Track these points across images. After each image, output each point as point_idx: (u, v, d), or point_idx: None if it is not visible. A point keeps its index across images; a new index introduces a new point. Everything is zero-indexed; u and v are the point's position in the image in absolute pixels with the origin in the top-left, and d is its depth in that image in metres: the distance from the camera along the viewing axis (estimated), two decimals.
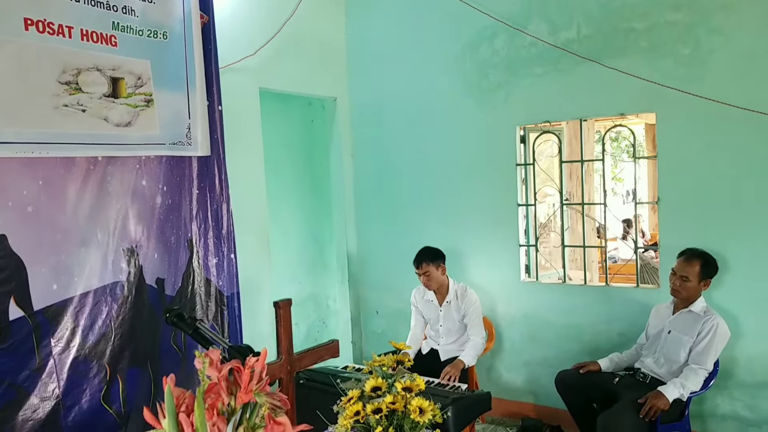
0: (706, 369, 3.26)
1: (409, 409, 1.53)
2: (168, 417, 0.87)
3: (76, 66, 2.64)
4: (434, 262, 3.96)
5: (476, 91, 4.42)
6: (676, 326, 3.41)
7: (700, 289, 3.37)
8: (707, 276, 3.35)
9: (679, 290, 3.38)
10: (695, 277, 3.33)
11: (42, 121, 2.54)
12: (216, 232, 3.20)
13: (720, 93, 3.47)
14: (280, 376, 1.85)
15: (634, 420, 3.15)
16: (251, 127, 4.08)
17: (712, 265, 3.37)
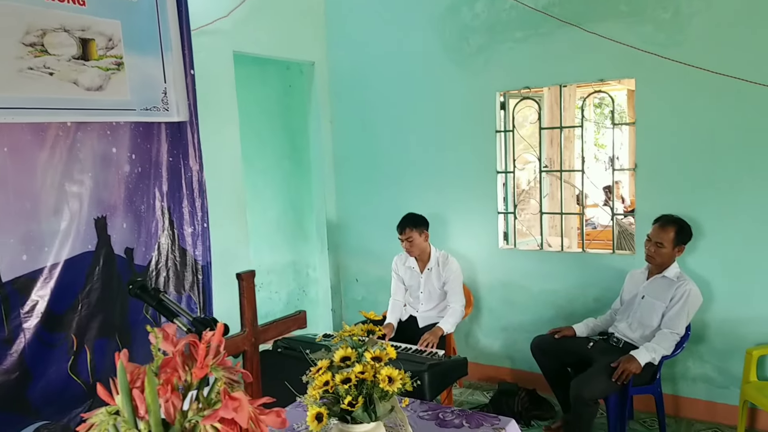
0: (678, 333, 3.31)
1: (378, 378, 1.53)
2: (121, 393, 0.86)
3: (40, 26, 2.55)
4: (417, 228, 3.96)
5: (456, 55, 4.36)
6: (649, 291, 3.45)
7: (674, 255, 3.40)
8: (681, 242, 3.38)
9: (654, 256, 3.41)
10: (669, 244, 3.36)
11: (5, 85, 2.45)
12: (190, 201, 3.15)
13: (700, 59, 3.45)
14: (243, 349, 1.84)
15: (607, 384, 3.20)
16: (225, 92, 3.99)
17: (687, 232, 3.40)
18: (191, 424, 0.85)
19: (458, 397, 4.27)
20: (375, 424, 1.57)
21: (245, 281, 1.84)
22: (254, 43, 4.23)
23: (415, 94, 4.60)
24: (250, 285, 1.85)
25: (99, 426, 0.80)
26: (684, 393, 3.79)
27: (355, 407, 1.51)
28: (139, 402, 0.86)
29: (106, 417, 0.81)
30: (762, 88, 3.29)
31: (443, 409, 2.12)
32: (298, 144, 5.23)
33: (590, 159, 5.15)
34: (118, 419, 0.83)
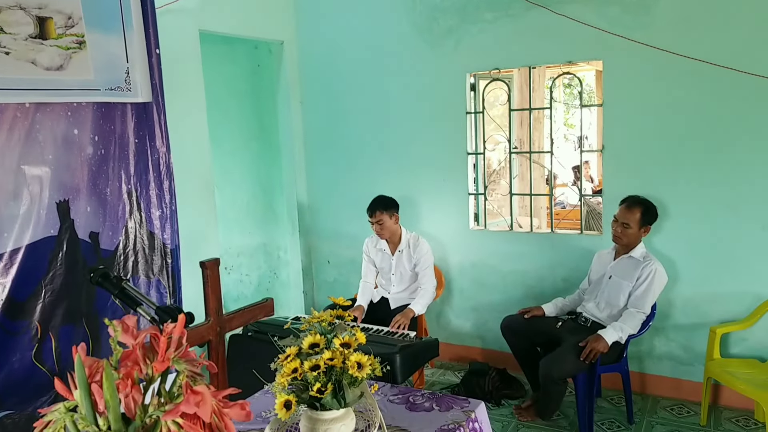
0: (644, 312, 3.38)
1: (348, 364, 1.52)
2: (79, 388, 0.83)
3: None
4: (388, 210, 3.95)
5: (427, 36, 4.33)
6: (616, 272, 3.51)
7: (640, 236, 3.45)
8: (647, 222, 3.44)
9: (621, 237, 3.46)
10: (635, 224, 3.41)
11: None
12: (158, 183, 3.08)
13: (666, 41, 3.48)
14: (209, 338, 1.81)
15: (575, 363, 3.26)
16: (191, 72, 3.91)
17: (653, 212, 3.45)
18: (152, 419, 0.83)
19: (430, 378, 4.31)
20: (344, 410, 1.57)
21: (209, 270, 1.81)
22: (221, 22, 4.15)
23: (385, 75, 4.56)
24: (214, 273, 1.82)
25: (55, 423, 0.77)
26: (650, 371, 3.88)
27: (324, 394, 1.50)
28: (98, 397, 0.84)
29: (63, 414, 0.79)
30: (726, 70, 3.34)
31: (414, 392, 2.13)
32: (268, 124, 5.16)
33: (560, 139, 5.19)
34: (76, 416, 0.81)
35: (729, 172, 3.46)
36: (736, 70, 3.31)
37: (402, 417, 1.93)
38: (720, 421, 3.50)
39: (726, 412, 3.58)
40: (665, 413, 3.63)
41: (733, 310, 3.54)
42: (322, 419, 1.54)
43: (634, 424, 3.51)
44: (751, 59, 3.29)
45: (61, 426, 0.78)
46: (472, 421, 1.93)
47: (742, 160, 3.42)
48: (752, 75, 3.27)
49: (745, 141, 3.39)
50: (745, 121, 3.38)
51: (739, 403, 3.57)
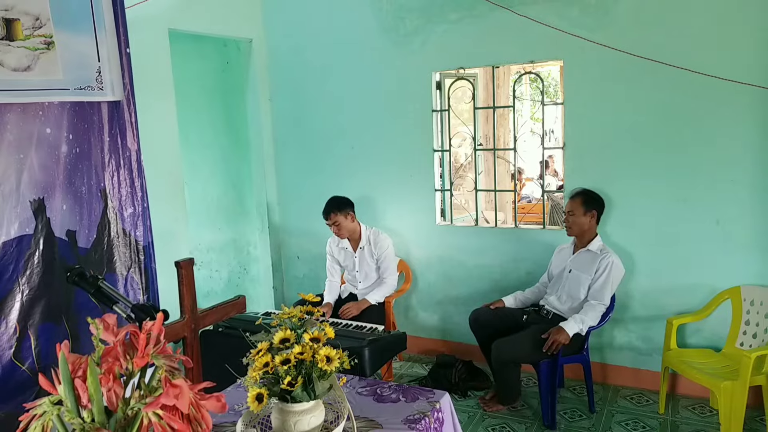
0: (604, 304, 3.52)
1: (317, 358, 1.60)
2: (63, 383, 0.89)
3: None
4: (342, 211, 4.01)
5: (393, 35, 4.40)
6: (576, 265, 3.64)
7: (589, 224, 3.60)
8: (591, 207, 3.59)
9: (570, 226, 3.62)
10: (579, 210, 3.57)
11: None
12: (130, 181, 3.11)
13: (623, 42, 3.61)
14: (184, 335, 1.87)
15: (526, 349, 3.45)
16: (161, 70, 3.92)
17: (594, 198, 3.61)
18: (134, 411, 0.90)
19: (398, 371, 4.40)
20: (314, 402, 1.65)
21: (184, 269, 1.86)
22: (190, 21, 4.16)
23: (353, 73, 4.62)
24: (189, 273, 1.88)
25: (44, 416, 0.83)
26: (610, 361, 4.02)
27: (295, 387, 1.57)
28: (82, 391, 0.90)
29: (51, 407, 0.85)
30: (680, 70, 3.48)
31: (381, 384, 2.21)
32: (237, 122, 5.18)
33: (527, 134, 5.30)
34: (62, 409, 0.87)
35: (685, 168, 3.60)
36: (689, 71, 3.45)
37: (370, 408, 2.01)
38: (677, 409, 3.64)
39: (683, 401, 3.73)
40: (625, 402, 3.77)
41: (689, 302, 3.69)
42: (293, 411, 1.62)
43: (595, 413, 3.64)
44: (703, 60, 3.44)
45: (49, 418, 0.84)
46: (437, 411, 2.03)
47: (698, 157, 3.56)
48: (704, 75, 3.42)
49: (700, 138, 3.54)
50: (700, 119, 3.53)
51: (696, 391, 3.72)
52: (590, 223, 3.60)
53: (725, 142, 3.48)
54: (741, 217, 3.51)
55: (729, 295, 3.55)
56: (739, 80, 3.35)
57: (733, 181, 3.49)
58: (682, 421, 3.50)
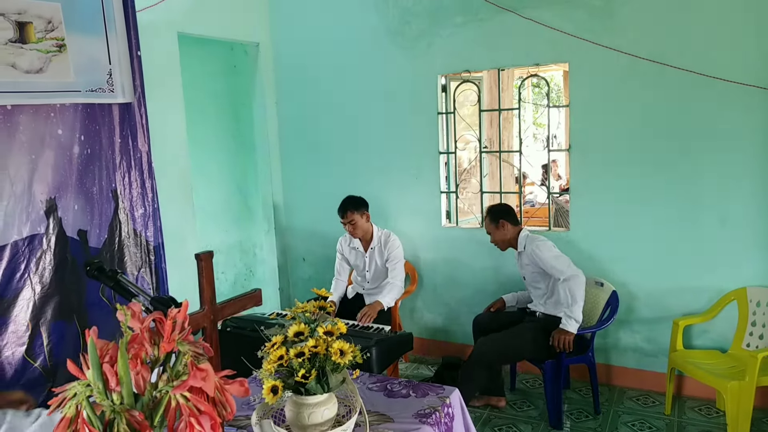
0: (568, 275, 3.45)
1: (331, 351, 1.62)
2: (92, 368, 0.92)
3: None
4: (358, 210, 4.04)
5: (399, 38, 4.44)
6: (523, 270, 3.74)
7: (505, 232, 3.68)
8: (497, 219, 3.70)
9: (495, 243, 3.77)
10: (490, 227, 3.72)
11: None
12: (141, 182, 3.15)
13: (629, 45, 3.64)
14: (203, 325, 1.90)
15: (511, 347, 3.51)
16: (170, 73, 3.96)
17: (496, 210, 3.75)
18: (161, 394, 0.93)
19: (404, 371, 4.42)
20: (327, 395, 1.67)
21: (204, 261, 1.90)
22: (199, 25, 4.21)
23: (359, 77, 4.66)
24: (208, 265, 1.91)
25: (77, 397, 0.86)
26: (616, 362, 4.03)
27: (309, 380, 1.60)
28: (110, 375, 0.93)
29: (84, 387, 0.88)
30: (686, 73, 3.51)
31: (391, 380, 2.23)
32: (243, 124, 5.23)
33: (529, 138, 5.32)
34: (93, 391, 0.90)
35: (690, 169, 3.62)
36: (695, 73, 3.48)
37: (380, 403, 2.04)
38: (684, 410, 3.65)
39: (689, 402, 3.74)
40: (631, 403, 3.78)
41: (695, 303, 3.70)
42: (307, 404, 1.64)
43: (601, 414, 3.65)
44: (709, 62, 3.46)
45: (82, 399, 0.86)
46: (447, 406, 2.05)
47: (703, 159, 3.58)
48: (710, 77, 3.45)
49: (705, 140, 3.56)
50: (705, 121, 3.55)
51: (702, 392, 3.73)
52: (507, 231, 3.69)
53: (731, 144, 3.50)
54: (747, 218, 3.52)
55: (735, 296, 3.56)
56: (745, 82, 3.37)
57: (738, 182, 3.51)
58: (689, 422, 3.51)
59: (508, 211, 3.72)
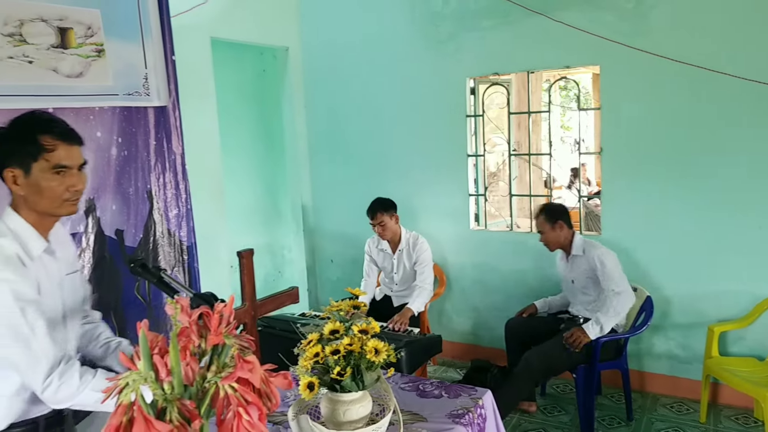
0: (620, 290, 3.41)
1: (365, 349, 1.64)
2: (143, 358, 0.95)
3: (18, 17, 2.59)
4: (387, 211, 4.06)
5: (427, 42, 4.46)
6: (573, 273, 3.67)
7: (561, 233, 3.61)
8: (554, 220, 3.60)
9: (546, 243, 3.68)
10: (545, 226, 3.61)
11: None
12: (175, 183, 3.22)
13: (661, 47, 3.61)
14: (244, 321, 1.94)
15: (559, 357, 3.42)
16: (203, 77, 4.04)
17: (554, 209, 3.66)
18: (210, 384, 0.95)
19: (432, 374, 4.42)
20: (362, 392, 1.69)
21: (245, 258, 1.94)
22: (231, 29, 4.28)
23: (387, 80, 4.69)
24: (249, 262, 1.95)
25: (133, 385, 0.89)
26: (649, 369, 3.97)
27: (344, 377, 1.62)
28: (160, 366, 0.96)
29: (138, 376, 0.91)
30: (720, 75, 3.46)
31: (423, 381, 2.25)
32: (273, 128, 5.29)
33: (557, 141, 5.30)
34: (147, 380, 0.93)
35: (725, 173, 3.56)
36: (729, 75, 3.43)
37: (413, 403, 2.05)
38: (719, 418, 3.58)
39: (725, 410, 3.66)
40: (665, 410, 3.72)
41: (731, 309, 3.63)
42: (342, 401, 1.66)
43: (633, 421, 3.60)
44: (743, 64, 3.41)
45: (137, 387, 0.89)
46: (480, 408, 2.05)
47: (738, 162, 3.52)
48: (744, 79, 3.40)
49: (741, 143, 3.50)
50: (740, 124, 3.49)
51: (738, 401, 3.65)
52: (563, 232, 3.61)
53: (767, 147, 3.44)
54: None
55: None
56: None
57: None
58: (725, 431, 3.45)
59: (566, 212, 3.67)
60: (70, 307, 1.77)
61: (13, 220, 1.65)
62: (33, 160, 1.60)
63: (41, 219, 1.67)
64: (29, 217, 1.66)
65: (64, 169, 1.63)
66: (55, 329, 1.66)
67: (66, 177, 1.64)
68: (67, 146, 1.65)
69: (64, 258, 1.78)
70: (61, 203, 1.65)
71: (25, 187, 1.62)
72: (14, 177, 1.62)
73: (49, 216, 1.69)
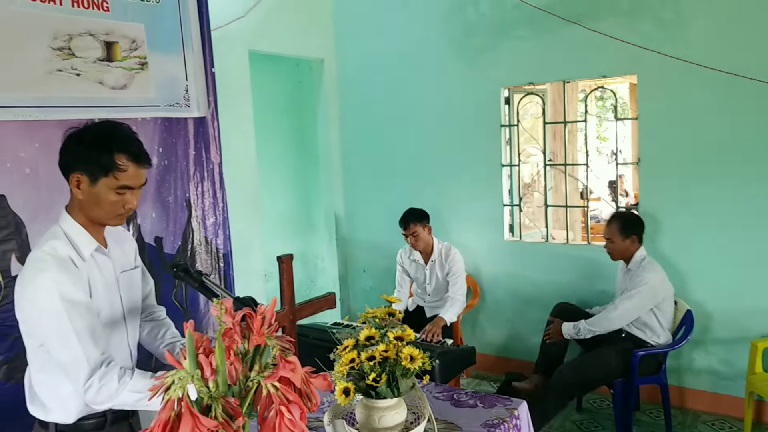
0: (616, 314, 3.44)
1: (401, 356, 1.65)
2: (189, 358, 0.98)
3: (67, 32, 2.69)
4: (421, 222, 4.06)
5: (462, 52, 4.47)
6: (627, 285, 3.58)
7: (630, 246, 3.53)
8: (629, 233, 3.52)
9: (611, 252, 3.60)
10: (617, 236, 3.53)
11: (37, 85, 2.59)
12: (212, 192, 3.29)
13: (701, 56, 3.56)
14: (283, 325, 1.97)
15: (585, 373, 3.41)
16: (241, 89, 4.12)
17: (631, 221, 3.56)
18: (253, 383, 0.98)
19: (465, 387, 4.39)
20: (397, 399, 1.70)
21: (285, 263, 1.97)
22: (268, 42, 4.37)
23: (421, 90, 4.71)
24: (289, 267, 1.98)
25: (182, 381, 0.92)
26: (689, 384, 3.88)
27: (379, 383, 1.62)
28: (205, 365, 0.98)
29: (185, 374, 0.93)
30: (760, 84, 3.40)
31: (457, 390, 2.24)
32: (307, 138, 5.36)
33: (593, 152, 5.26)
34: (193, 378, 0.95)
35: (764, 183, 3.49)
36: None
37: (448, 412, 2.04)
38: None
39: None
40: (705, 428, 3.63)
41: None
42: (378, 407, 1.67)
43: None
44: None
45: (185, 384, 0.92)
46: (515, 418, 2.03)
47: None
48: None
49: None
50: None
51: None
52: (632, 246, 3.54)
53: None
54: None
55: None
56: None
57: None
58: None
59: (642, 225, 3.58)
60: (128, 305, 1.83)
61: (67, 223, 1.71)
62: (103, 174, 1.65)
63: (92, 223, 1.74)
64: (81, 219, 1.72)
65: (129, 189, 1.69)
66: (113, 328, 1.73)
67: (126, 195, 1.69)
68: (137, 168, 1.69)
69: (119, 256, 1.84)
70: (114, 216, 1.71)
71: (86, 193, 1.67)
72: (79, 182, 1.67)
73: (99, 224, 1.76)
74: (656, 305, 3.44)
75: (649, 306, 3.43)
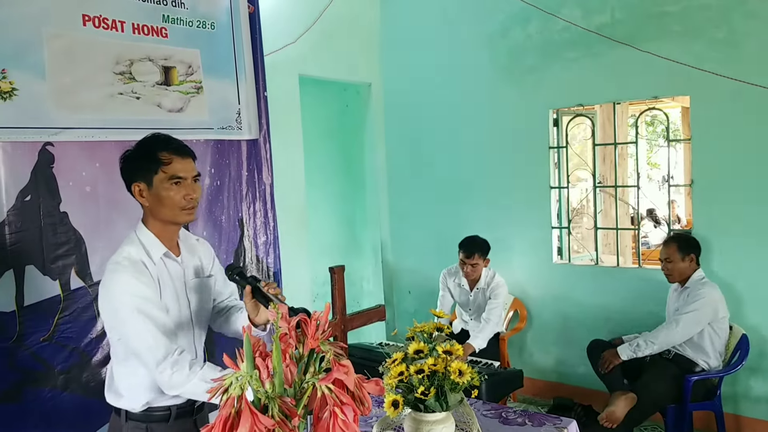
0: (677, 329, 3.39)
1: (450, 370, 1.65)
2: (246, 360, 1.01)
3: (128, 57, 2.83)
4: (484, 254, 4.03)
5: (509, 74, 4.49)
6: (679, 304, 3.52)
7: (687, 266, 3.47)
8: (687, 251, 3.47)
9: (670, 273, 3.53)
10: (675, 256, 3.47)
11: (100, 108, 2.73)
12: (263, 212, 3.37)
13: (755, 76, 3.49)
14: (335, 334, 2.00)
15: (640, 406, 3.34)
16: (291, 112, 4.23)
17: (689, 242, 3.51)
18: (308, 385, 1.00)
19: None
20: (446, 413, 1.70)
21: (337, 275, 2.01)
22: (317, 67, 4.48)
23: (468, 113, 4.73)
24: (340, 277, 2.02)
25: (241, 380, 0.95)
26: (746, 413, 3.74)
27: (428, 396, 1.63)
28: (262, 368, 1.02)
29: (244, 374, 0.97)
30: None
31: (506, 408, 2.22)
32: (354, 161, 5.43)
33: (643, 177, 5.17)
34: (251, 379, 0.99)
35: None
36: None
37: (496, 429, 2.03)
38: None
39: None
40: None
41: None
42: (426, 420, 1.67)
43: None
44: None
45: (245, 384, 0.95)
46: None
47: None
48: None
49: None
50: None
51: None
52: (690, 266, 3.48)
53: None
54: None
55: None
56: None
57: None
58: None
59: (699, 246, 3.54)
60: (195, 309, 1.98)
61: (141, 231, 1.89)
62: (154, 173, 1.81)
63: (164, 228, 1.89)
64: (154, 227, 1.88)
65: (180, 179, 1.83)
66: (180, 327, 1.88)
67: (182, 187, 1.83)
68: (181, 159, 1.85)
69: (192, 264, 2.00)
70: (179, 211, 1.85)
71: (148, 198, 1.84)
72: (140, 190, 1.84)
73: (171, 224, 1.90)
74: (714, 323, 3.37)
75: (709, 319, 3.38)
